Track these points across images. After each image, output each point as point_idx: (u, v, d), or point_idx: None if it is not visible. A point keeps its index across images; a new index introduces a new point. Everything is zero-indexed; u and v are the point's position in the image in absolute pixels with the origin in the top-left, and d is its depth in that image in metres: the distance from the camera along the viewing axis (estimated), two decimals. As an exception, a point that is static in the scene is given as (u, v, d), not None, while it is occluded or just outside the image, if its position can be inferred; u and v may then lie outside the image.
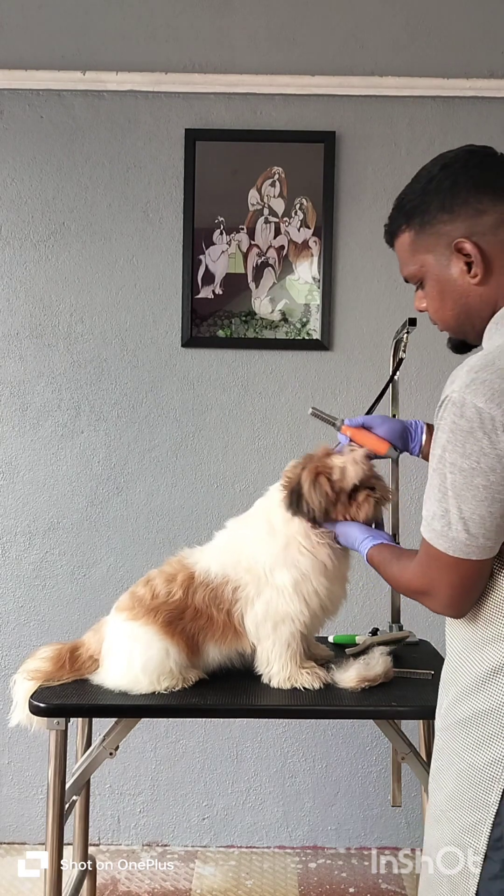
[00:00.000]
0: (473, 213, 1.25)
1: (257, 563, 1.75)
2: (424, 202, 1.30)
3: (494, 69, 2.66)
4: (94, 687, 1.76)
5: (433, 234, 1.28)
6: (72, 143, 2.69)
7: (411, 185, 1.35)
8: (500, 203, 1.24)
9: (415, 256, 1.33)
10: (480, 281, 1.24)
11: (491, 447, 1.11)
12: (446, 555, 1.18)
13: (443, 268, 1.28)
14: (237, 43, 2.67)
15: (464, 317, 1.29)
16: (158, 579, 1.79)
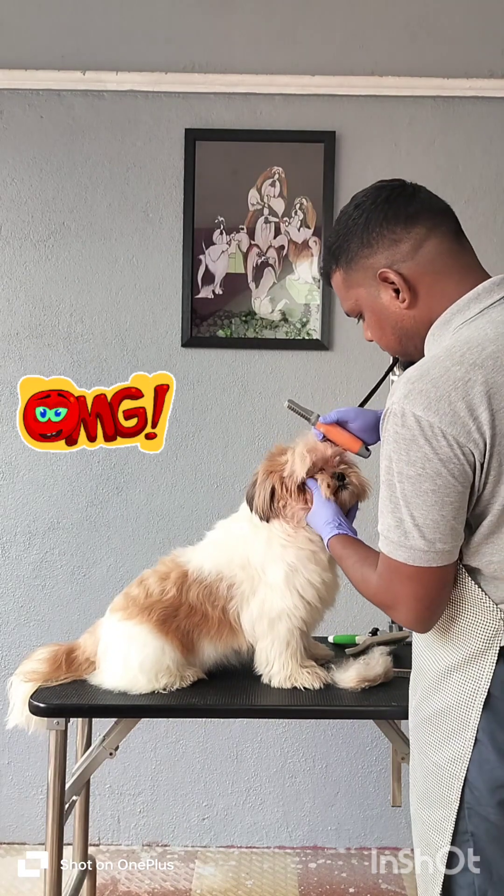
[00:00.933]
0: (390, 243, 1.31)
1: (250, 561, 1.75)
2: (345, 242, 1.35)
3: (494, 69, 2.66)
4: (93, 687, 1.77)
5: (359, 270, 1.34)
6: (72, 143, 2.69)
7: (334, 228, 1.41)
8: (412, 229, 1.31)
9: (348, 292, 1.38)
10: (409, 305, 1.30)
11: (433, 453, 1.15)
12: (407, 566, 1.21)
13: (374, 298, 1.34)
14: (237, 43, 2.67)
15: (405, 339, 1.34)
16: (151, 578, 1.79)
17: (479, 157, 2.69)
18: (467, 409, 1.15)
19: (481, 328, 1.22)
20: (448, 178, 2.69)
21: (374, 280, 1.32)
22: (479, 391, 1.15)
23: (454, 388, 1.16)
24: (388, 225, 1.32)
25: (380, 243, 1.32)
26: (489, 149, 2.68)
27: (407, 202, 1.34)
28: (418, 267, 1.30)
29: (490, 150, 2.68)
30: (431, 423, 1.15)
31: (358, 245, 1.34)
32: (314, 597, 1.75)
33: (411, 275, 1.30)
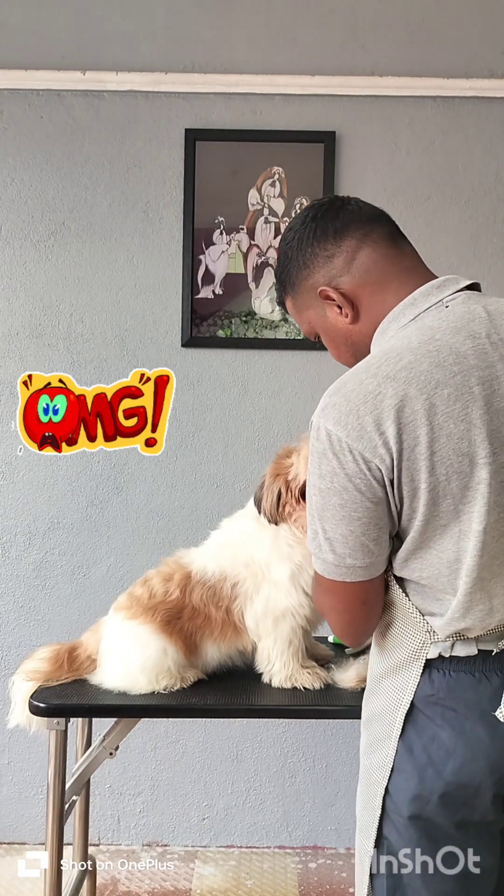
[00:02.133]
0: (324, 260, 1.31)
1: (254, 559, 1.76)
2: (287, 268, 1.36)
3: (494, 69, 2.66)
4: (93, 687, 1.77)
5: (303, 292, 1.34)
6: (72, 143, 2.69)
7: (278, 257, 1.43)
8: (342, 242, 1.30)
9: (301, 316, 1.39)
10: (353, 319, 1.30)
11: (340, 467, 1.15)
12: (323, 577, 1.22)
13: (323, 318, 1.34)
14: (237, 43, 2.67)
15: (358, 354, 1.32)
16: (156, 579, 1.79)
17: (479, 157, 2.69)
18: (374, 424, 1.13)
19: (408, 336, 1.20)
20: (448, 178, 2.69)
21: (318, 299, 1.32)
22: (388, 405, 1.13)
23: (363, 401, 1.15)
24: (319, 243, 1.31)
25: (315, 262, 1.31)
26: (489, 149, 2.69)
27: (334, 216, 1.32)
28: (355, 279, 1.29)
29: (490, 150, 2.69)
30: (339, 437, 1.15)
31: (297, 268, 1.34)
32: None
33: (350, 288, 1.29)
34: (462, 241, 2.69)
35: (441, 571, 1.17)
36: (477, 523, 1.13)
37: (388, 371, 1.15)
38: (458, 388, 1.13)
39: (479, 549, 1.14)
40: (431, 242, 2.69)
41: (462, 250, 2.69)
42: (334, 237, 1.30)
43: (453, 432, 1.12)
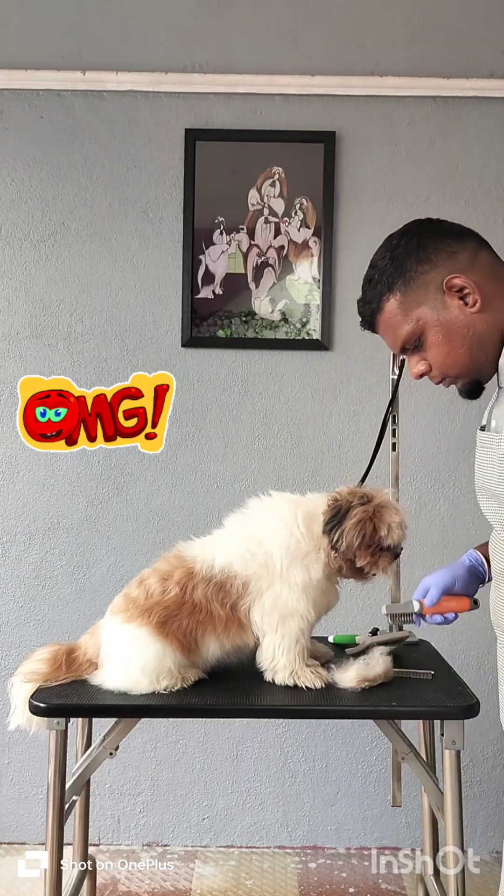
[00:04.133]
0: (448, 255, 1.39)
1: (274, 557, 1.75)
2: (400, 266, 1.41)
3: (494, 69, 2.66)
4: (93, 687, 1.76)
5: (420, 287, 1.40)
6: (72, 143, 2.69)
7: (376, 264, 1.47)
8: (465, 242, 1.40)
9: (408, 315, 1.42)
10: (481, 307, 1.36)
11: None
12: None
13: (440, 311, 1.39)
14: (237, 43, 2.66)
15: (476, 348, 1.38)
16: (152, 578, 1.78)
17: (479, 157, 2.69)
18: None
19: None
20: (448, 178, 2.69)
21: (438, 292, 1.37)
22: None
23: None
24: (443, 240, 1.40)
25: (438, 257, 1.38)
26: (489, 149, 2.68)
27: (450, 225, 1.44)
28: (479, 274, 1.37)
29: (490, 150, 2.68)
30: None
31: (415, 263, 1.39)
32: (322, 609, 1.81)
33: (478, 280, 1.36)
34: (462, 241, 2.69)
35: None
36: None
37: None
38: None
39: None
40: (431, 242, 2.69)
41: (462, 250, 2.68)
42: (457, 238, 1.41)
43: None
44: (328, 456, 2.70)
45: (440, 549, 2.68)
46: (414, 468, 2.69)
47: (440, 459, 2.71)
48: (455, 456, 2.70)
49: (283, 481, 2.66)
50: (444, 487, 2.71)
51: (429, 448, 2.70)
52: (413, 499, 2.68)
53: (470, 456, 2.69)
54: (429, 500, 2.71)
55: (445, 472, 2.71)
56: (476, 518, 2.72)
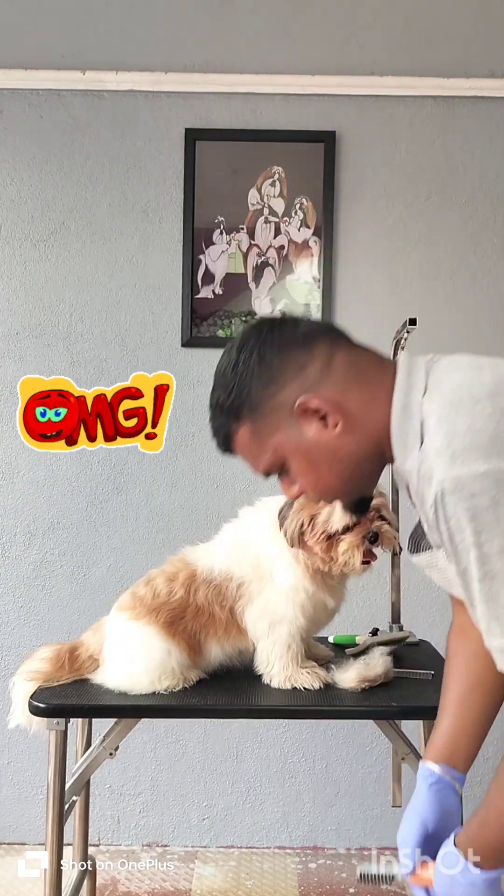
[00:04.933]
0: (296, 371, 1.15)
1: (262, 561, 1.76)
2: (242, 390, 1.17)
3: (494, 69, 2.65)
4: (94, 687, 1.76)
5: (270, 413, 1.17)
6: (72, 143, 2.68)
7: (218, 387, 1.21)
8: (314, 349, 1.17)
9: (264, 445, 1.19)
10: (344, 427, 1.14)
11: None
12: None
13: (298, 438, 1.16)
14: (237, 43, 2.66)
15: (348, 470, 1.18)
16: (159, 579, 1.79)
17: (479, 157, 2.69)
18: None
19: (451, 374, 1.12)
20: (448, 178, 2.69)
21: (291, 417, 1.15)
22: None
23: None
24: (288, 352, 1.16)
25: (284, 375, 1.15)
26: (489, 149, 2.68)
27: (294, 326, 1.19)
28: (336, 385, 1.15)
29: (490, 150, 2.68)
30: (501, 467, 1.01)
31: (259, 386, 1.16)
32: (312, 615, 1.77)
33: (333, 394, 1.14)
34: (462, 241, 2.69)
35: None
36: None
37: (490, 390, 1.06)
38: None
39: None
40: (431, 242, 2.69)
41: (462, 250, 2.69)
42: (301, 346, 1.16)
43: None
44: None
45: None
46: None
47: (440, 459, 2.70)
48: (455, 456, 2.70)
49: (283, 481, 2.66)
50: (444, 487, 2.70)
51: (429, 448, 2.70)
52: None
53: (470, 456, 2.70)
54: (429, 500, 2.70)
55: (445, 472, 2.70)
56: (476, 518, 2.72)
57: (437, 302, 2.69)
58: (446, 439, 1.05)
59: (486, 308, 2.69)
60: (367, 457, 1.17)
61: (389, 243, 2.69)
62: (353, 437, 1.15)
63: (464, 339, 2.69)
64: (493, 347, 2.70)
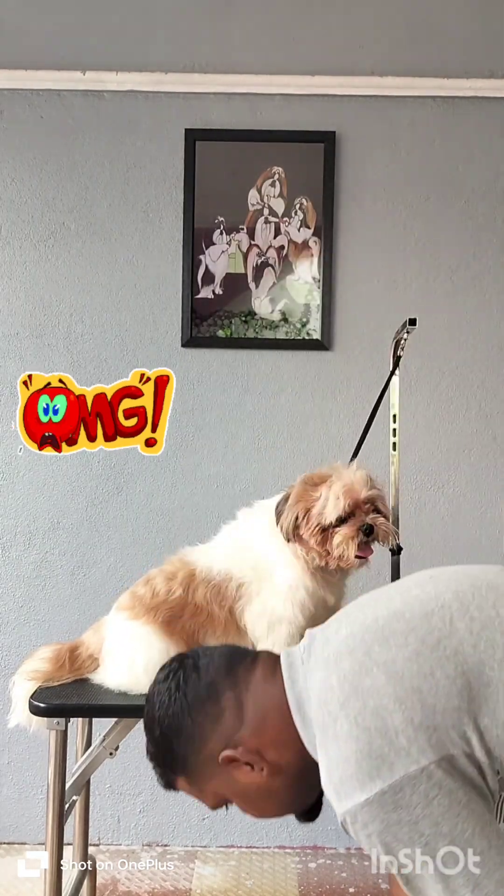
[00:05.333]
0: (212, 723, 1.21)
1: (261, 561, 1.75)
2: (167, 752, 1.24)
3: (494, 69, 2.66)
4: (94, 687, 1.76)
5: (200, 766, 1.22)
6: (72, 143, 2.68)
7: (148, 741, 1.28)
8: (221, 697, 1.21)
9: (203, 791, 1.25)
10: (270, 770, 1.19)
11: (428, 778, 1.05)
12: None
13: (232, 784, 1.21)
14: (237, 43, 2.66)
15: (289, 798, 1.22)
16: (158, 578, 1.79)
17: (479, 157, 2.69)
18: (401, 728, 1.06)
19: (315, 683, 1.16)
20: (448, 179, 2.69)
21: (220, 767, 1.20)
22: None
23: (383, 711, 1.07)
24: (197, 710, 1.21)
25: (203, 731, 1.21)
26: (489, 149, 2.69)
27: (196, 677, 1.24)
28: (254, 728, 1.19)
29: (490, 150, 2.69)
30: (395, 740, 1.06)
31: (183, 745, 1.22)
32: (312, 614, 1.76)
33: (253, 742, 1.19)
34: (462, 241, 2.69)
35: None
36: None
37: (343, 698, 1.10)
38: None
39: None
40: (431, 242, 2.69)
41: (462, 250, 2.69)
42: (209, 695, 1.22)
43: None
44: (328, 456, 2.69)
45: (440, 550, 2.68)
46: (414, 468, 2.69)
47: (440, 459, 2.71)
48: (455, 456, 2.70)
49: (282, 481, 2.63)
50: (444, 487, 2.71)
51: (429, 448, 2.70)
52: (413, 499, 2.68)
53: (470, 455, 2.71)
54: (429, 500, 2.70)
55: (445, 472, 2.71)
56: (476, 518, 2.73)
57: (437, 302, 2.69)
58: (326, 773, 1.10)
59: (486, 308, 2.70)
60: (301, 778, 1.18)
61: (389, 243, 2.69)
62: (281, 773, 1.19)
63: (464, 339, 2.70)
64: (493, 347, 2.70)
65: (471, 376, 2.70)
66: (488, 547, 2.70)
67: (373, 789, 1.06)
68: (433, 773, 1.05)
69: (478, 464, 2.71)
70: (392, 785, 1.05)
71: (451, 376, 2.70)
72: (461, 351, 2.70)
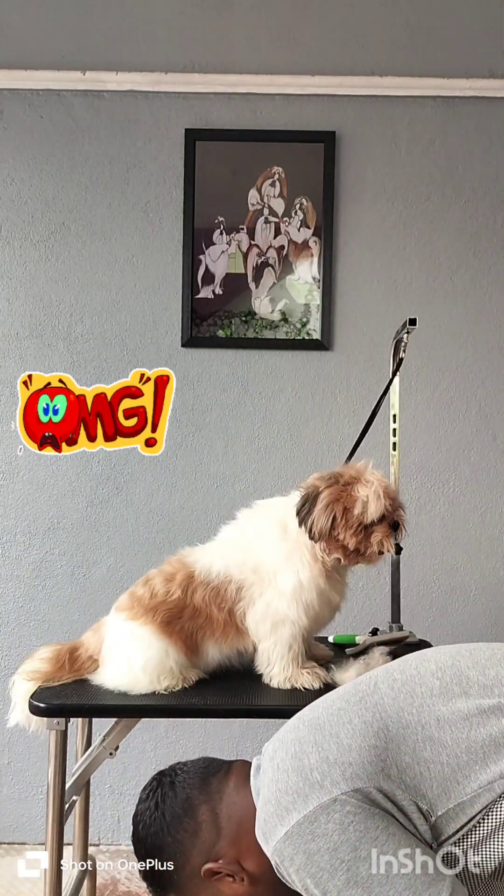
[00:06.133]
0: (191, 839, 1.26)
1: (264, 564, 1.75)
2: (153, 872, 1.29)
3: (494, 69, 2.66)
4: (93, 687, 1.77)
5: (187, 881, 1.27)
6: (72, 143, 2.68)
7: (138, 857, 1.33)
8: (196, 814, 1.26)
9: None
10: (251, 879, 1.24)
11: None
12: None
13: (218, 894, 1.26)
14: (237, 43, 2.66)
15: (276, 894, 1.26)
16: (157, 579, 1.79)
17: (479, 157, 2.69)
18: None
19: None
20: (448, 178, 2.69)
21: (203, 882, 1.25)
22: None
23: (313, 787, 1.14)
24: (176, 827, 1.27)
25: (183, 847, 1.26)
26: (489, 149, 2.69)
27: (172, 794, 1.30)
28: (231, 840, 1.24)
29: (490, 150, 2.69)
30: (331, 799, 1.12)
31: (171, 863, 1.27)
32: (318, 613, 1.77)
33: (232, 850, 1.24)
34: (462, 241, 2.69)
35: None
36: None
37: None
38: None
39: None
40: (431, 242, 2.69)
41: (462, 250, 2.69)
42: (186, 811, 1.27)
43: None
44: (328, 456, 2.70)
45: (440, 549, 2.68)
46: (414, 468, 2.69)
47: (440, 459, 2.71)
48: (455, 456, 2.70)
49: (283, 481, 2.66)
50: (444, 487, 2.71)
51: (429, 448, 2.70)
52: (413, 499, 2.68)
53: (470, 455, 2.71)
54: (429, 500, 2.71)
55: (445, 472, 2.71)
56: (476, 518, 2.73)
57: (437, 302, 2.69)
58: (258, 826, 1.18)
59: (486, 308, 2.70)
60: (279, 883, 1.20)
61: (389, 243, 2.69)
62: (260, 882, 1.24)
63: (464, 339, 2.70)
64: (493, 347, 2.70)
65: (471, 376, 2.70)
66: (488, 547, 2.71)
67: (290, 821, 1.12)
68: (346, 801, 1.12)
69: (478, 464, 2.71)
70: (307, 815, 1.12)
71: (451, 376, 2.70)
72: (461, 351, 2.70)
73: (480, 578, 2.70)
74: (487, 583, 2.70)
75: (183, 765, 1.36)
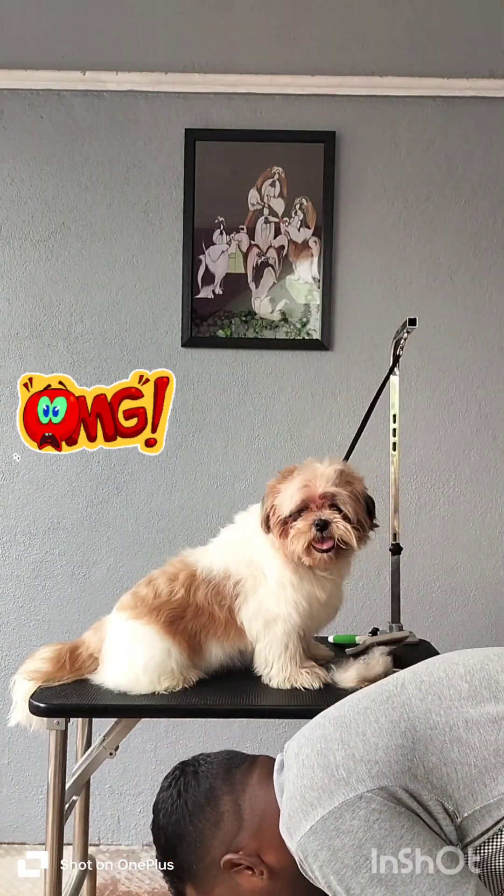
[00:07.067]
0: (213, 829, 1.26)
1: (254, 559, 1.76)
2: (174, 857, 1.29)
3: (494, 69, 2.66)
4: (94, 687, 1.77)
5: (204, 873, 1.27)
6: (72, 143, 2.68)
7: (156, 850, 1.34)
8: (219, 804, 1.27)
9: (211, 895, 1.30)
10: (271, 873, 1.23)
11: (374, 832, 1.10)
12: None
13: (237, 888, 1.26)
14: (237, 43, 2.66)
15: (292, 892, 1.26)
16: (160, 579, 1.79)
17: (479, 157, 2.69)
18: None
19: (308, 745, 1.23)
20: (448, 178, 2.69)
21: (222, 873, 1.25)
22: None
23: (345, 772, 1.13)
24: (198, 816, 1.27)
25: (205, 836, 1.26)
26: (489, 149, 2.69)
27: (196, 783, 1.30)
28: (252, 832, 1.24)
29: (490, 150, 2.69)
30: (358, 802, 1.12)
31: (186, 852, 1.27)
32: (309, 611, 1.76)
33: (253, 843, 1.24)
34: (462, 241, 2.69)
35: None
36: None
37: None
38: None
39: None
40: (431, 242, 2.69)
41: (462, 250, 2.69)
42: (208, 801, 1.27)
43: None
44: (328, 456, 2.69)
45: (440, 549, 2.68)
46: (414, 468, 2.69)
47: (440, 459, 2.71)
48: (455, 456, 2.70)
49: (283, 481, 2.66)
50: (444, 487, 2.71)
51: (429, 448, 2.70)
52: (413, 499, 2.68)
53: (470, 455, 2.71)
54: (429, 500, 2.71)
55: (445, 472, 2.71)
56: (476, 518, 2.73)
57: (437, 302, 2.69)
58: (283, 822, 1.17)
59: (486, 308, 2.70)
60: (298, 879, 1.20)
61: (389, 243, 2.69)
62: (279, 877, 1.24)
63: (464, 339, 2.70)
64: (493, 347, 2.70)
65: (471, 376, 2.70)
66: (488, 547, 2.71)
67: (315, 817, 1.12)
68: (371, 799, 1.11)
69: (478, 464, 2.71)
70: (332, 811, 1.11)
71: (451, 376, 2.70)
72: (461, 351, 2.70)
73: (480, 578, 2.70)
74: (487, 583, 2.70)
75: (206, 756, 1.36)
